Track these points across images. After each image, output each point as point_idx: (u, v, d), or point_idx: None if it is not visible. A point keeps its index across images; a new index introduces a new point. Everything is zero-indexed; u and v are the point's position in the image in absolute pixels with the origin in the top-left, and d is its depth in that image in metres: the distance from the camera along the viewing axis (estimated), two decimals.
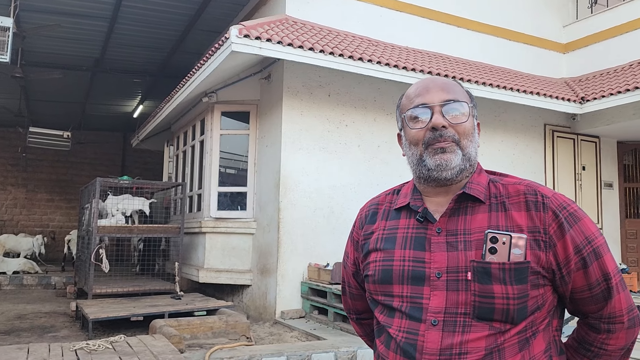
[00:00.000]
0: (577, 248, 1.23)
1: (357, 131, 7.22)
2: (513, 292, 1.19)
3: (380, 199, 1.47)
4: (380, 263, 1.33)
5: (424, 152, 1.30)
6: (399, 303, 1.28)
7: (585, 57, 9.51)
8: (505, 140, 8.43)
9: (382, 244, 1.35)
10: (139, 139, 11.20)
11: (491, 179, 1.35)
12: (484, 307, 1.19)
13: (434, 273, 1.24)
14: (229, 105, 7.75)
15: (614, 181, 9.66)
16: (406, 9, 8.17)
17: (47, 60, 10.21)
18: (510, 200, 1.28)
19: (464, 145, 1.30)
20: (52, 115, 13.79)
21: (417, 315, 1.24)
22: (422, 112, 1.31)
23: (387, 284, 1.31)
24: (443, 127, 1.28)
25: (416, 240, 1.30)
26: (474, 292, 1.20)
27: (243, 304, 7.48)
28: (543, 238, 1.23)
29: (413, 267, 1.27)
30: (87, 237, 7.73)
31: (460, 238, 1.25)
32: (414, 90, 1.36)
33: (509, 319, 1.19)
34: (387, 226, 1.38)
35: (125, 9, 8.40)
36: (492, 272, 1.19)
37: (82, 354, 4.07)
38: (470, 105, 1.34)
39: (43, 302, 8.28)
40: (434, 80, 1.37)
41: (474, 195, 1.29)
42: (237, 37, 5.80)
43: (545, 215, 1.24)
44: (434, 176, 1.29)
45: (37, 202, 15.07)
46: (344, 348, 4.99)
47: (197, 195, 8.33)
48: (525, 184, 1.31)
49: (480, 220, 1.26)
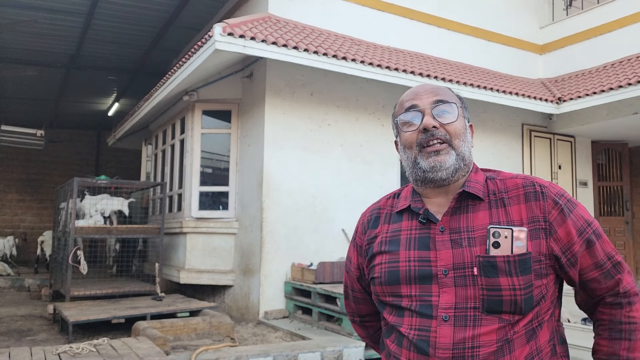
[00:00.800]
0: (580, 231, 1.28)
1: (340, 130, 7.22)
2: (519, 283, 1.23)
3: (381, 204, 1.51)
4: (386, 265, 1.36)
5: (418, 155, 1.35)
6: (408, 302, 1.31)
7: (561, 58, 9.71)
8: (484, 139, 8.54)
9: (386, 247, 1.38)
10: (116, 137, 11.00)
11: (487, 176, 1.39)
12: (492, 300, 1.23)
13: (441, 271, 1.28)
14: (210, 103, 7.67)
15: (589, 180, 9.88)
16: (388, 8, 8.21)
17: (20, 57, 9.92)
18: (509, 194, 1.33)
19: (457, 145, 1.34)
20: (24, 113, 13.42)
21: (427, 312, 1.27)
22: (413, 115, 1.37)
23: (394, 284, 1.33)
24: (434, 128, 1.33)
25: (420, 241, 1.33)
26: (481, 286, 1.24)
27: (225, 304, 7.41)
28: (543, 226, 1.28)
29: (419, 266, 1.30)
30: (64, 238, 7.55)
31: (464, 235, 1.29)
32: (406, 96, 1.42)
33: (517, 310, 1.23)
34: (390, 229, 1.41)
35: (102, 4, 8.22)
36: (498, 265, 1.24)
37: (66, 357, 3.97)
38: (460, 106, 1.38)
39: (17, 305, 8.06)
40: (423, 86, 1.42)
41: (473, 193, 1.33)
42: (221, 35, 5.74)
43: (545, 204, 1.29)
44: (430, 177, 1.33)
45: (7, 202, 14.64)
46: (330, 347, 4.99)
47: (177, 195, 8.21)
48: (522, 177, 1.36)
49: (482, 218, 1.30)
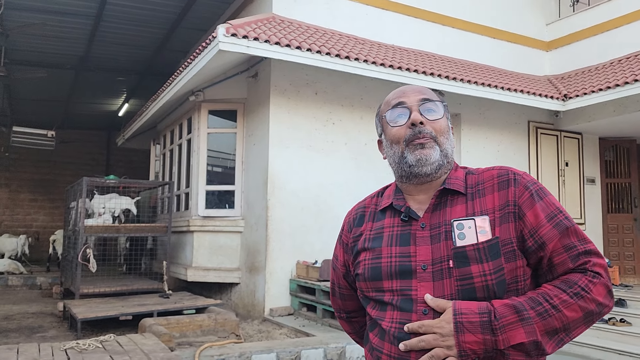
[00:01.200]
0: (550, 215, 1.30)
1: (344, 129, 7.27)
2: (489, 268, 1.26)
3: (366, 203, 1.55)
4: (369, 261, 1.40)
5: (405, 149, 1.39)
6: (390, 297, 1.34)
7: (567, 54, 9.67)
8: (489, 137, 8.54)
9: (370, 244, 1.42)
10: (125, 137, 11.14)
11: (467, 171, 1.44)
12: (466, 289, 1.26)
13: (419, 266, 1.31)
14: (216, 103, 7.75)
15: (596, 177, 9.84)
16: (392, 7, 8.24)
17: (31, 59, 10.09)
18: (485, 185, 1.38)
19: (441, 142, 1.39)
20: (35, 114, 13.63)
21: (407, 306, 1.30)
22: (401, 112, 1.42)
23: (377, 280, 1.37)
24: (421, 124, 1.38)
25: (402, 237, 1.37)
26: (456, 278, 1.27)
27: (231, 302, 7.50)
28: (512, 210, 1.31)
29: (400, 262, 1.34)
30: (74, 237, 7.68)
31: (441, 229, 1.33)
32: (392, 95, 1.47)
33: (491, 295, 1.26)
34: (374, 227, 1.45)
35: (110, 6, 8.35)
36: (467, 254, 1.27)
37: (73, 353, 4.07)
38: (444, 105, 1.44)
39: (29, 302, 8.21)
40: (410, 86, 1.48)
41: (454, 189, 1.37)
42: (224, 36, 5.81)
43: (516, 189, 1.33)
44: (415, 172, 1.37)
45: (20, 202, 14.88)
46: (333, 344, 5.05)
47: (184, 194, 8.32)
48: (498, 168, 1.41)
49: (459, 211, 1.34)
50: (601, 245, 9.66)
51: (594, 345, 6.72)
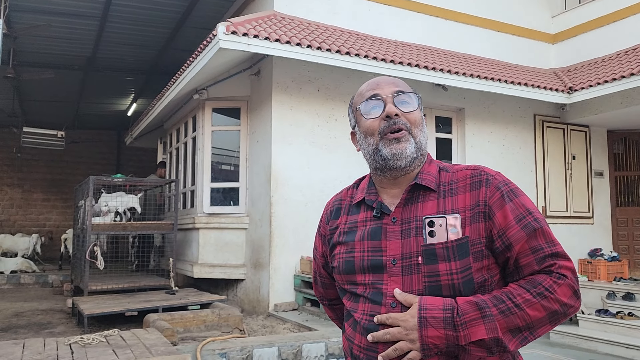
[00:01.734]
0: (519, 217, 1.30)
1: (347, 125, 7.25)
2: (456, 267, 1.27)
3: (342, 195, 1.57)
4: (343, 255, 1.43)
5: (379, 142, 1.38)
6: (363, 290, 1.37)
7: (573, 47, 9.58)
8: (494, 131, 8.51)
9: (344, 237, 1.45)
10: (133, 137, 11.26)
11: (441, 167, 1.43)
12: (432, 286, 1.28)
13: (389, 260, 1.33)
14: (220, 101, 7.81)
15: (605, 170, 9.75)
16: (394, 2, 8.23)
17: (39, 60, 10.24)
18: (458, 184, 1.37)
19: (415, 134, 1.39)
20: (45, 114, 13.82)
21: (377, 299, 1.33)
22: (375, 104, 1.41)
23: (350, 273, 1.40)
24: (396, 115, 1.37)
25: (373, 232, 1.39)
26: (424, 274, 1.29)
27: (237, 298, 7.57)
28: (482, 210, 1.31)
29: (372, 256, 1.37)
30: (82, 235, 7.80)
31: (412, 225, 1.34)
32: (365, 87, 1.46)
33: (456, 292, 1.27)
34: (349, 220, 1.47)
35: (115, 7, 8.45)
36: (436, 252, 1.28)
37: (76, 347, 4.15)
38: (418, 97, 1.43)
39: (40, 300, 8.36)
40: (383, 77, 1.47)
41: (425, 185, 1.37)
42: (225, 34, 5.86)
43: (487, 190, 1.34)
44: (390, 165, 1.37)
45: (33, 202, 15.11)
46: (334, 338, 5.08)
47: (190, 191, 8.40)
48: (472, 168, 1.40)
49: (430, 208, 1.35)
50: (610, 238, 9.58)
51: (601, 339, 6.68)
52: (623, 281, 7.82)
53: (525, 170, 8.70)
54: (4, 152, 14.59)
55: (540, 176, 8.94)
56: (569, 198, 9.12)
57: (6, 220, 14.69)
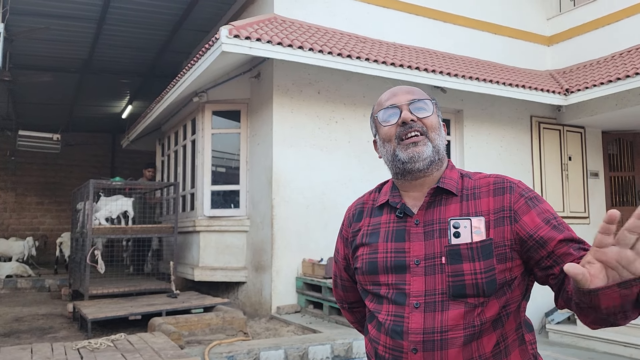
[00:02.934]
0: (546, 219, 1.35)
1: (347, 127, 7.33)
2: (480, 267, 1.32)
3: (365, 198, 1.62)
4: (367, 256, 1.47)
5: (396, 147, 1.46)
6: (386, 291, 1.41)
7: (569, 49, 9.69)
8: (492, 133, 8.58)
9: (367, 239, 1.50)
10: (129, 139, 11.21)
11: (463, 174, 1.49)
12: (456, 285, 1.33)
13: (413, 261, 1.38)
14: (220, 104, 7.81)
15: (600, 170, 9.85)
16: (392, 5, 8.28)
17: (35, 63, 10.18)
18: (481, 189, 1.43)
19: (432, 138, 1.45)
20: (41, 118, 13.72)
21: (401, 300, 1.37)
22: (392, 112, 1.48)
23: (374, 274, 1.45)
24: (412, 121, 1.45)
25: (397, 233, 1.44)
26: (448, 274, 1.34)
27: (239, 300, 7.57)
28: (507, 214, 1.36)
29: (395, 257, 1.41)
30: (82, 238, 7.76)
31: (435, 227, 1.39)
32: (384, 97, 1.54)
33: (480, 292, 1.32)
34: (372, 222, 1.52)
35: (113, 10, 8.42)
36: (461, 252, 1.34)
37: (85, 352, 4.14)
38: (434, 102, 1.51)
39: (39, 304, 8.31)
40: (400, 87, 1.55)
41: (447, 189, 1.43)
42: (227, 38, 5.87)
43: (512, 196, 1.39)
44: (408, 168, 1.44)
45: (27, 205, 15.00)
46: (339, 340, 5.11)
47: (190, 194, 8.39)
48: (494, 176, 1.46)
49: (453, 210, 1.40)
50: None
51: (600, 337, 6.77)
52: None
53: (523, 171, 8.77)
54: None
55: (537, 177, 9.02)
56: (565, 198, 9.21)
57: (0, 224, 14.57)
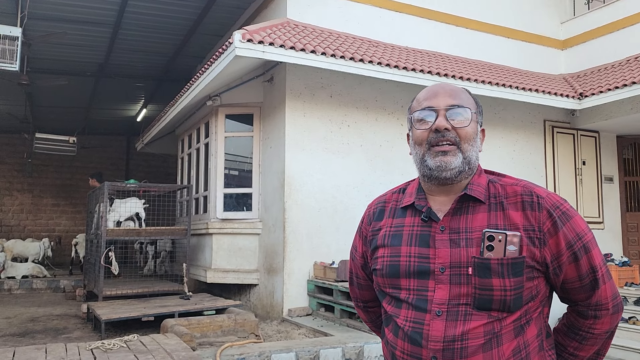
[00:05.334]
0: (569, 244, 1.34)
1: (359, 131, 7.35)
2: (510, 285, 1.30)
3: (387, 197, 1.57)
4: (388, 259, 1.44)
5: (426, 153, 1.41)
6: (406, 295, 1.39)
7: (583, 53, 9.62)
8: (505, 137, 8.55)
9: (389, 241, 1.46)
10: (144, 142, 11.33)
11: (490, 179, 1.44)
12: (483, 299, 1.31)
13: (438, 268, 1.35)
14: (233, 108, 7.88)
15: (614, 175, 9.76)
16: (405, 9, 8.29)
17: (52, 67, 10.35)
18: (508, 200, 1.39)
19: (465, 149, 1.40)
20: (57, 120, 13.93)
21: (422, 306, 1.35)
22: (427, 114, 1.42)
23: (394, 277, 1.42)
24: (445, 130, 1.38)
25: (421, 238, 1.40)
26: (474, 285, 1.31)
27: (250, 303, 7.61)
28: (537, 235, 1.34)
29: (418, 262, 1.38)
30: (96, 240, 7.86)
31: (462, 236, 1.36)
32: (424, 94, 1.47)
33: (505, 308, 1.31)
34: (394, 224, 1.48)
35: (129, 15, 8.54)
36: (491, 267, 1.30)
37: (98, 352, 4.20)
38: (474, 112, 1.43)
39: (54, 305, 8.41)
40: (442, 86, 1.47)
41: (474, 197, 1.39)
42: (241, 42, 5.93)
43: (540, 215, 1.35)
44: (435, 175, 1.40)
45: (43, 207, 15.21)
46: (351, 343, 5.12)
47: (203, 197, 8.46)
48: (522, 185, 1.41)
49: (480, 219, 1.37)
50: (620, 244, 9.58)
51: (614, 344, 6.70)
52: (634, 286, 7.83)
53: (536, 175, 8.72)
54: (15, 157, 14.71)
55: (551, 181, 8.96)
56: (579, 203, 9.13)
57: (16, 225, 14.79)
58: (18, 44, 6.47)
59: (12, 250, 11.60)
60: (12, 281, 10.15)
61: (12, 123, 12.79)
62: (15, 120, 12.17)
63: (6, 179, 14.83)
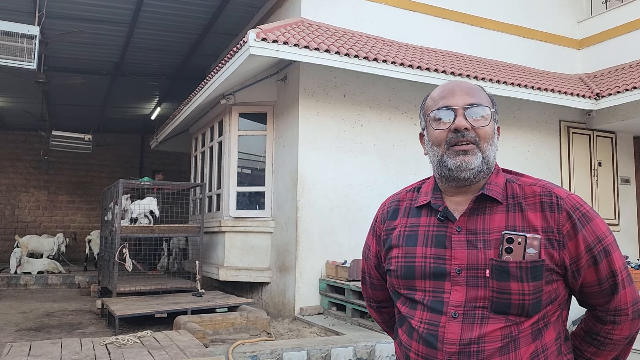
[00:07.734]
0: (589, 247, 1.31)
1: (372, 130, 7.33)
2: (529, 289, 1.27)
3: (401, 196, 1.53)
4: (402, 259, 1.41)
5: (445, 153, 1.36)
6: (422, 296, 1.36)
7: (600, 53, 9.51)
8: (519, 137, 8.48)
9: (404, 241, 1.42)
10: (158, 140, 11.42)
11: (508, 179, 1.41)
12: (501, 302, 1.28)
13: (454, 269, 1.32)
14: (247, 106, 7.91)
15: (631, 176, 9.64)
16: (420, 8, 8.26)
17: (68, 65, 10.46)
18: (527, 201, 1.35)
19: (484, 149, 1.36)
20: (72, 118, 14.09)
21: (438, 308, 1.32)
22: (445, 114, 1.37)
23: (409, 279, 1.39)
24: (465, 129, 1.35)
25: (437, 238, 1.37)
26: (492, 288, 1.28)
27: (262, 301, 7.64)
28: (557, 237, 1.30)
29: (434, 263, 1.35)
30: (110, 237, 7.94)
31: (479, 237, 1.33)
32: (439, 92, 1.42)
33: (524, 313, 1.28)
34: (409, 223, 1.45)
35: (144, 14, 8.61)
36: (510, 270, 1.27)
37: (113, 348, 4.25)
38: (492, 110, 1.40)
39: (68, 300, 8.52)
40: (459, 84, 1.42)
41: (492, 197, 1.36)
42: (255, 41, 5.95)
43: (560, 216, 1.31)
44: (454, 176, 1.36)
45: (58, 203, 15.39)
46: (362, 343, 5.12)
47: (216, 195, 8.51)
48: (541, 185, 1.38)
49: (498, 221, 1.33)
50: (637, 246, 9.46)
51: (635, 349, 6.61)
52: None
53: (551, 176, 8.64)
54: (31, 154, 14.90)
55: (566, 182, 8.87)
56: (594, 204, 9.03)
57: (32, 221, 14.98)
58: (36, 42, 6.56)
59: (27, 246, 11.75)
60: (28, 276, 10.29)
61: (29, 121, 12.95)
62: (32, 118, 12.32)
63: (23, 176, 15.03)
